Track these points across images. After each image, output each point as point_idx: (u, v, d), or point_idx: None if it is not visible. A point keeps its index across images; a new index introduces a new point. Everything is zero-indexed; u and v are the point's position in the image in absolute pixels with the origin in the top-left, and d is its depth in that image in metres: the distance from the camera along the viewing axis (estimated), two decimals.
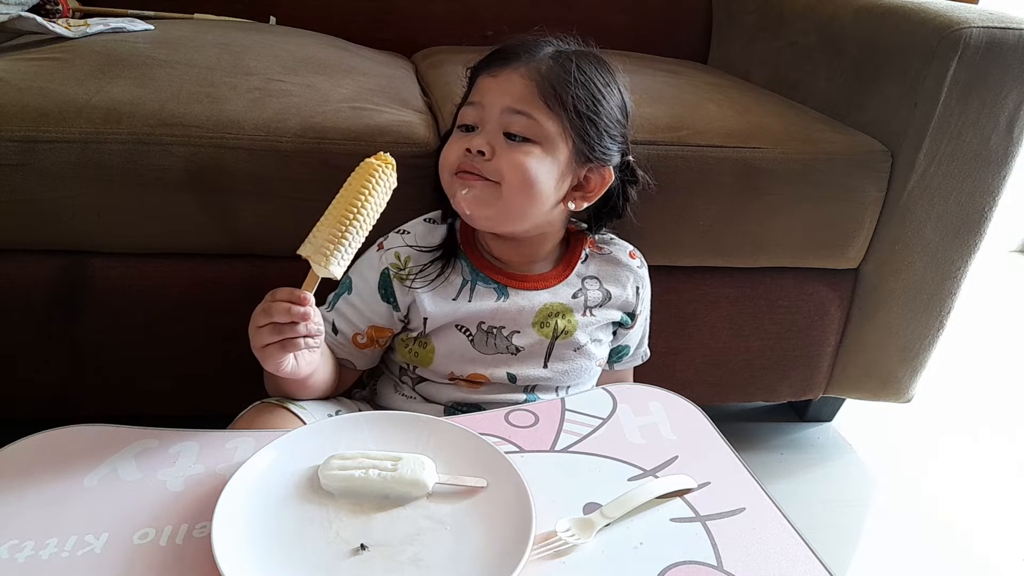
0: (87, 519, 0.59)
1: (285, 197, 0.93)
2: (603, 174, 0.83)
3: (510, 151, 0.77)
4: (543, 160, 0.78)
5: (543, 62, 0.79)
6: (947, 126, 1.04)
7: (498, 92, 0.78)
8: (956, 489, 1.32)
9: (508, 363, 0.85)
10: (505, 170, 0.77)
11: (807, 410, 1.43)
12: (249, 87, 0.99)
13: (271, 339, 0.68)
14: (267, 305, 0.68)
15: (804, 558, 0.61)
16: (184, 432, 0.70)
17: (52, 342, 0.97)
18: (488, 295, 0.84)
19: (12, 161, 0.85)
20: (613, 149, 0.82)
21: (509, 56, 0.80)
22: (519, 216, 0.81)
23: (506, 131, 0.78)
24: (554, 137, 0.78)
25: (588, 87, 0.79)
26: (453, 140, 0.81)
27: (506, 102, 0.78)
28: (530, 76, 0.78)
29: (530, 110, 0.77)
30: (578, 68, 0.79)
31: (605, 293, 0.89)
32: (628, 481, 0.68)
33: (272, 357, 0.69)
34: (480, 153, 0.77)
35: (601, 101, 0.80)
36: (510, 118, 0.77)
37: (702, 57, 1.66)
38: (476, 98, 0.80)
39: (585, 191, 0.83)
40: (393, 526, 0.60)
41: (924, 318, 1.18)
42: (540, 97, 0.77)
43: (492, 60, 0.81)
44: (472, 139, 0.78)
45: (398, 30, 1.54)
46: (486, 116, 0.79)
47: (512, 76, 0.78)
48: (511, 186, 0.77)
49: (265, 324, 0.68)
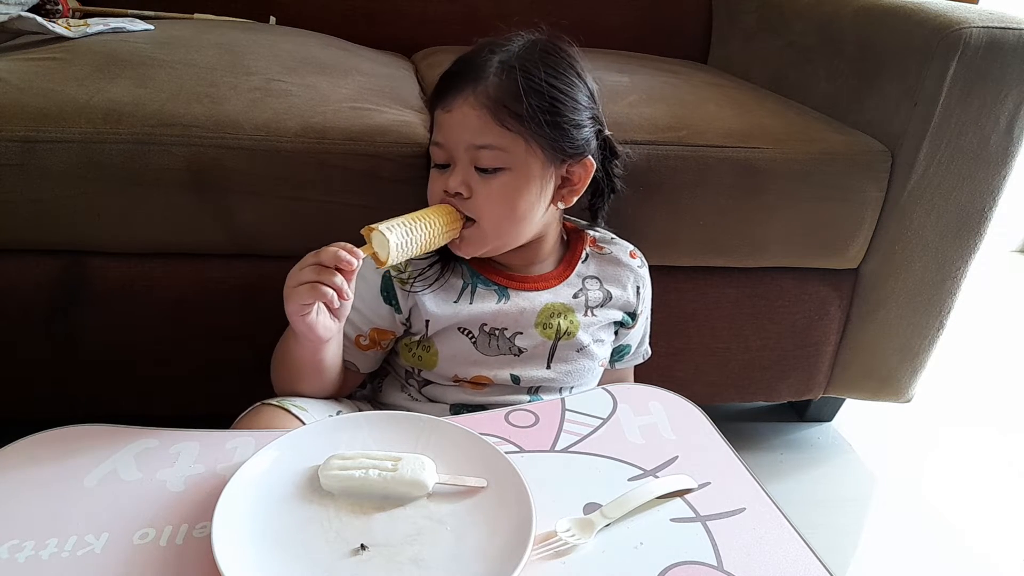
0: (87, 519, 0.59)
1: (285, 197, 0.93)
2: (585, 164, 0.82)
3: (486, 186, 0.77)
4: (519, 185, 0.78)
5: (489, 82, 0.76)
6: (947, 126, 1.04)
7: (456, 129, 0.77)
8: (956, 489, 1.32)
9: (511, 364, 0.85)
10: (484, 207, 0.78)
11: (807, 410, 1.43)
12: (249, 87, 0.99)
13: (310, 277, 0.68)
14: (317, 251, 0.70)
15: (804, 558, 0.61)
16: (184, 432, 0.70)
17: (52, 342, 0.97)
18: (489, 297, 0.84)
19: (12, 161, 0.85)
20: (586, 138, 0.81)
21: (457, 84, 0.78)
22: (512, 241, 0.82)
23: (476, 165, 0.77)
24: (523, 156, 0.77)
25: (543, 92, 0.77)
26: (432, 180, 0.82)
27: (466, 138, 0.77)
28: (480, 104, 0.76)
29: (491, 141, 0.76)
30: (525, 75, 0.76)
31: (606, 293, 0.89)
32: (628, 481, 0.68)
33: (300, 297, 0.69)
34: (459, 194, 0.78)
35: (559, 99, 0.78)
36: (475, 153, 0.77)
37: (702, 57, 1.66)
38: (439, 138, 0.80)
39: (571, 185, 0.83)
40: (393, 526, 0.60)
41: (924, 318, 1.18)
42: (496, 123, 0.76)
43: (441, 92, 0.80)
44: (448, 179, 0.78)
45: (398, 30, 1.54)
46: (453, 155, 0.78)
47: (464, 108, 0.77)
48: (491, 221, 0.79)
49: (309, 264, 0.69)
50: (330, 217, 0.95)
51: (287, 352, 0.79)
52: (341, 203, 0.94)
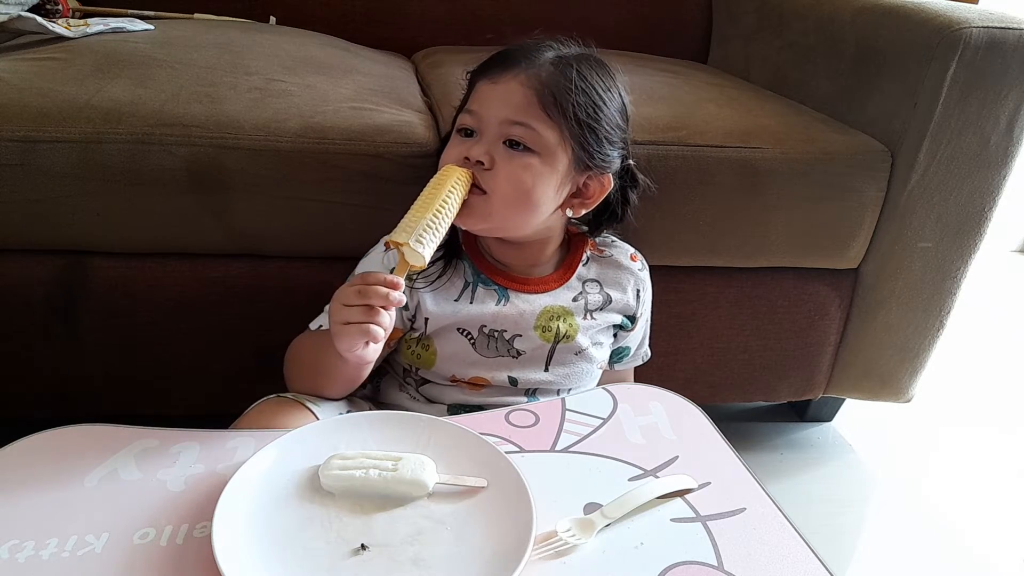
0: (87, 519, 0.59)
1: (285, 197, 0.93)
2: (602, 181, 0.82)
3: (509, 162, 0.77)
4: (541, 171, 0.77)
5: (543, 68, 0.78)
6: (947, 126, 1.04)
7: (498, 101, 0.77)
8: (956, 489, 1.32)
9: (509, 366, 0.85)
10: (502, 181, 0.77)
11: (807, 410, 1.43)
12: (249, 87, 0.99)
13: (360, 319, 0.67)
14: (361, 287, 0.68)
15: (804, 558, 0.61)
16: (184, 432, 0.70)
17: (52, 342, 0.97)
18: (489, 298, 0.84)
19: (12, 161, 0.85)
20: (613, 155, 0.82)
21: (509, 62, 0.79)
22: (515, 226, 0.81)
23: (506, 138, 0.77)
24: (553, 147, 0.77)
25: (589, 94, 0.78)
26: (452, 144, 0.81)
27: (506, 113, 0.77)
28: (530, 84, 0.77)
29: (530, 120, 0.76)
30: (579, 74, 0.78)
31: (605, 297, 0.89)
32: (628, 481, 0.68)
33: (351, 337, 0.68)
34: (479, 163, 0.77)
35: (602, 107, 0.79)
36: (509, 128, 0.77)
37: (702, 57, 1.66)
38: (475, 106, 0.79)
39: (584, 198, 0.83)
40: (393, 526, 0.60)
41: (924, 318, 1.18)
42: (540, 106, 0.76)
43: (492, 65, 0.80)
44: (471, 147, 0.77)
45: (398, 30, 1.54)
46: (485, 124, 0.78)
47: (512, 84, 0.77)
48: (503, 197, 0.77)
49: (357, 304, 0.67)
50: (330, 217, 0.95)
51: (322, 363, 0.77)
52: (341, 203, 0.94)
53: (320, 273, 0.96)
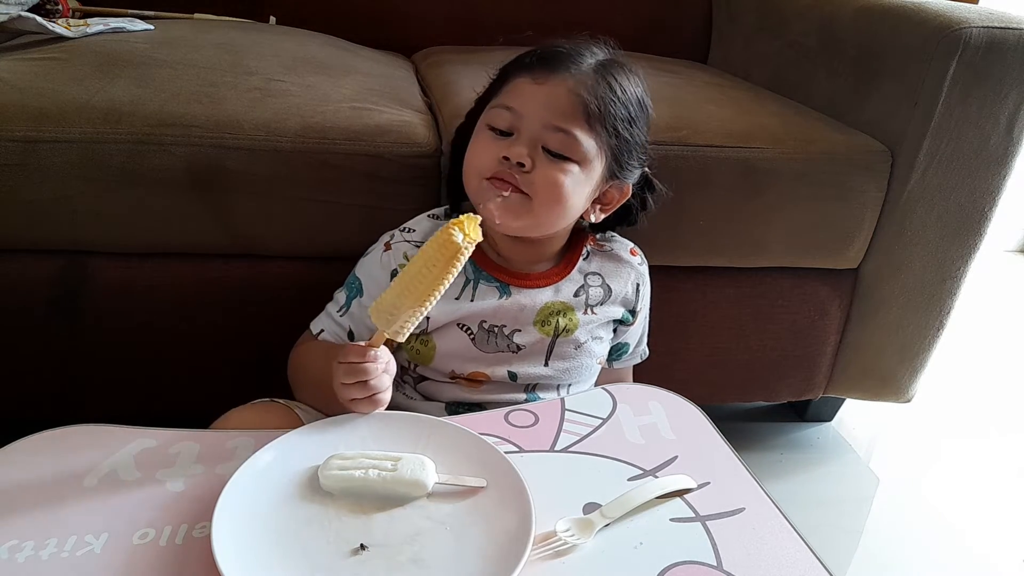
0: (87, 519, 0.59)
1: (285, 197, 0.93)
2: (622, 188, 0.84)
3: (550, 166, 0.76)
4: (579, 179, 0.77)
5: (588, 76, 0.76)
6: (947, 126, 1.04)
7: (542, 103, 0.76)
8: (956, 489, 1.32)
9: (509, 361, 0.85)
10: (541, 186, 0.76)
11: (807, 410, 1.43)
12: (249, 87, 0.99)
13: (362, 395, 0.70)
14: (348, 367, 0.69)
15: (804, 558, 0.61)
16: (184, 432, 0.70)
17: (52, 342, 0.97)
18: (490, 294, 0.84)
19: (12, 161, 0.85)
20: (638, 163, 0.83)
21: (555, 63, 0.77)
22: (547, 227, 0.82)
23: (544, 146, 0.76)
24: (592, 157, 0.77)
25: (628, 107, 0.78)
26: (485, 142, 0.78)
27: (549, 117, 0.75)
28: (577, 91, 0.75)
29: (573, 128, 0.75)
30: (620, 85, 0.77)
31: (606, 289, 0.89)
32: (628, 481, 0.68)
33: (361, 409, 0.71)
34: (519, 164, 0.76)
35: (636, 120, 0.79)
36: (551, 134, 0.75)
37: (702, 57, 1.66)
38: (515, 103, 0.77)
39: (603, 203, 0.84)
40: (393, 526, 0.60)
41: (924, 318, 1.18)
42: (584, 116, 0.75)
43: (536, 64, 0.78)
44: (511, 147, 0.76)
45: (398, 30, 1.54)
46: (524, 125, 0.76)
47: (559, 89, 0.75)
48: (543, 202, 0.77)
49: (354, 382, 0.69)
50: (330, 217, 0.95)
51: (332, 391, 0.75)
52: (341, 203, 0.94)
53: (320, 273, 0.96)
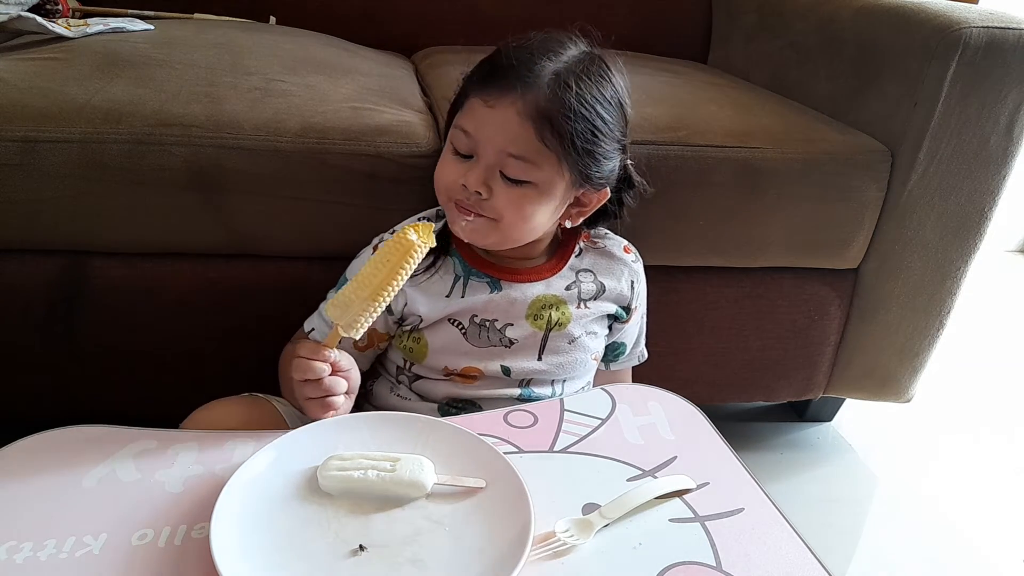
0: (85, 520, 0.59)
1: (285, 197, 0.93)
2: (600, 193, 0.83)
3: (508, 191, 0.76)
4: (539, 200, 0.77)
5: (541, 93, 0.74)
6: (947, 126, 1.04)
7: (494, 129, 0.75)
8: (956, 489, 1.32)
9: (502, 356, 0.85)
10: (502, 210, 0.77)
11: (807, 410, 1.43)
12: (249, 87, 0.99)
13: (315, 394, 0.70)
14: (297, 362, 0.70)
15: (803, 558, 0.61)
16: (183, 433, 0.70)
17: (52, 342, 0.97)
18: (481, 289, 0.84)
19: (12, 161, 0.85)
20: (612, 168, 0.81)
21: (505, 81, 0.75)
22: (519, 242, 0.82)
23: (502, 171, 0.76)
24: (551, 174, 0.76)
25: (589, 118, 0.75)
26: (448, 164, 0.79)
27: (503, 144, 0.75)
28: (527, 114, 0.73)
29: (528, 154, 0.75)
30: (578, 95, 0.74)
31: (599, 285, 0.89)
32: (627, 481, 0.68)
33: (314, 411, 0.71)
34: (477, 193, 0.76)
35: (600, 129, 0.77)
36: (507, 159, 0.75)
37: (702, 57, 1.66)
38: (470, 127, 0.76)
39: (581, 207, 0.84)
40: (392, 527, 0.60)
41: (924, 318, 1.18)
42: (538, 139, 0.74)
43: (487, 82, 0.77)
44: (467, 174, 0.76)
45: (398, 30, 1.54)
46: (481, 151, 0.76)
47: (509, 112, 0.74)
48: (509, 224, 0.78)
49: (304, 380, 0.70)
50: (330, 217, 0.95)
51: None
52: (341, 203, 0.94)
53: (320, 273, 0.96)
